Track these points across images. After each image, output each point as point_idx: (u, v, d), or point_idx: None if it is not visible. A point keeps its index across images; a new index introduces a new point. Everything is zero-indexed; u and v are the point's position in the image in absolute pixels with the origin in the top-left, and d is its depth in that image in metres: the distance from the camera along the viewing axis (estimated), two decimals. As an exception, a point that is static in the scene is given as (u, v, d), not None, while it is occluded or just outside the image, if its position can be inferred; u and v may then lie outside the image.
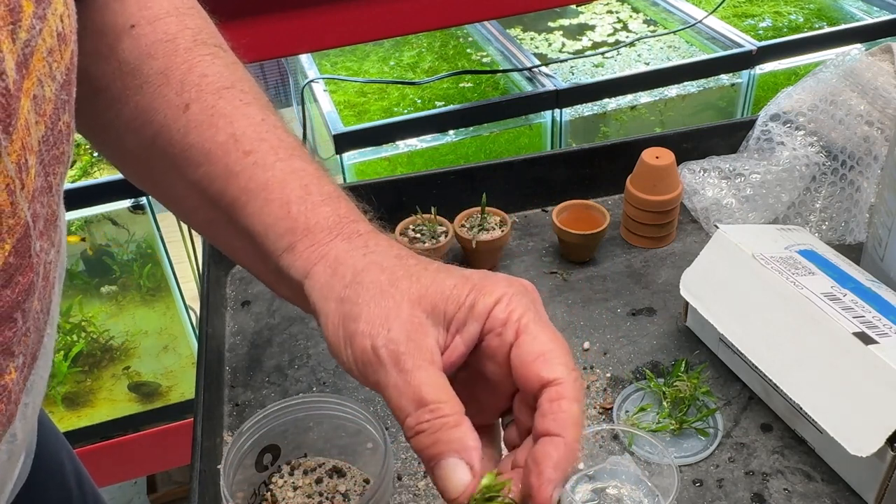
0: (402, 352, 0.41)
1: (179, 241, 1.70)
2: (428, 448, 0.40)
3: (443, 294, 0.42)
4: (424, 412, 0.40)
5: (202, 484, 0.63)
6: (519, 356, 0.41)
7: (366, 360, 0.41)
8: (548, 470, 0.39)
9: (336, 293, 0.44)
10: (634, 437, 0.65)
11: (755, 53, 1.69)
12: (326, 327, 0.44)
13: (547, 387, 0.41)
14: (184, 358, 1.63)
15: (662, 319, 0.82)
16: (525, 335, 0.42)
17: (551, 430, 0.40)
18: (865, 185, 0.87)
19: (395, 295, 0.42)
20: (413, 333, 0.41)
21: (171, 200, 0.54)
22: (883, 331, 0.63)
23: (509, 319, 0.42)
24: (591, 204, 0.91)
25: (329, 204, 0.48)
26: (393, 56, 1.84)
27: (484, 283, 0.43)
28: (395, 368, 0.40)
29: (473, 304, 0.42)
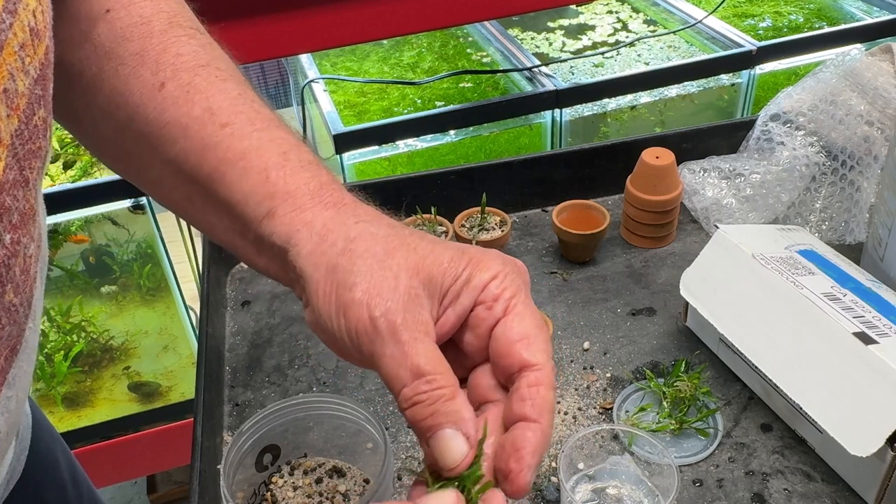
0: (400, 323, 0.41)
1: (179, 241, 1.70)
2: (426, 419, 0.40)
3: (440, 266, 0.43)
4: (421, 383, 0.40)
5: (202, 484, 0.63)
6: (504, 333, 0.42)
7: (360, 330, 0.41)
8: (527, 455, 0.41)
9: (327, 260, 0.43)
10: (634, 437, 0.65)
11: (755, 53, 1.69)
12: (316, 294, 0.43)
13: (526, 370, 0.42)
14: (184, 358, 1.63)
15: (662, 319, 0.82)
16: (513, 314, 0.42)
17: (530, 415, 0.41)
18: (865, 185, 0.87)
19: (391, 265, 0.42)
20: (410, 305, 0.41)
21: (149, 182, 0.53)
22: (883, 331, 0.63)
23: (501, 296, 0.43)
24: (591, 204, 0.91)
25: (308, 170, 0.48)
26: (393, 56, 1.84)
27: (480, 258, 0.43)
28: (392, 339, 0.40)
29: (469, 277, 0.43)
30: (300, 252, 0.45)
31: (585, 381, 0.75)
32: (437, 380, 0.40)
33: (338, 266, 0.43)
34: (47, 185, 1.42)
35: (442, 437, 0.40)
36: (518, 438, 0.41)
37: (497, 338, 0.42)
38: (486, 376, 0.45)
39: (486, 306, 0.43)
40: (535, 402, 0.41)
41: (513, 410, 0.42)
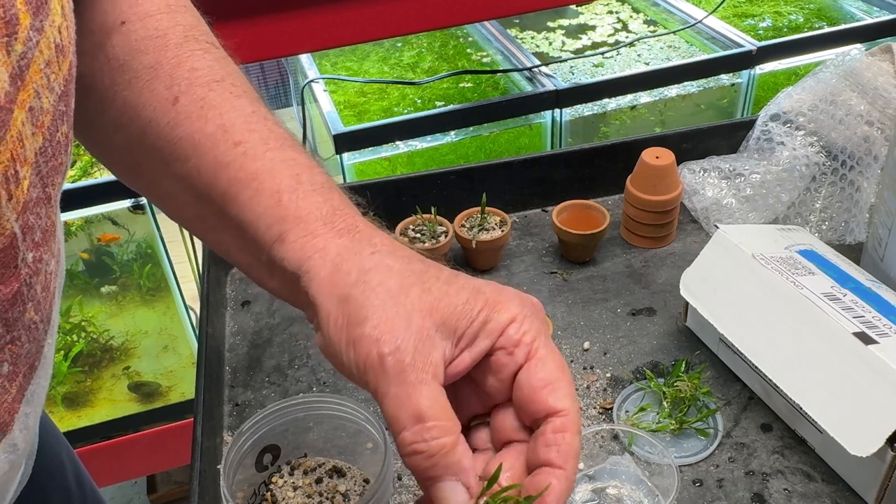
0: (408, 363, 0.40)
1: (179, 241, 1.70)
2: (426, 470, 0.40)
3: (454, 309, 0.42)
4: (422, 429, 0.39)
5: (202, 484, 0.63)
6: (528, 380, 0.42)
7: (369, 366, 0.41)
8: (557, 491, 0.40)
9: (339, 291, 0.43)
10: (634, 437, 0.65)
11: (755, 53, 1.69)
12: (327, 325, 0.43)
13: (552, 416, 0.42)
14: (184, 358, 1.63)
15: (662, 319, 0.82)
16: (536, 359, 0.42)
17: (555, 461, 0.41)
18: (865, 185, 0.87)
19: (405, 303, 0.42)
20: (421, 345, 0.41)
21: (160, 197, 0.53)
22: (883, 331, 0.63)
23: (522, 341, 0.42)
24: (591, 204, 0.91)
25: (321, 194, 0.47)
26: (393, 56, 1.84)
27: (497, 300, 0.43)
28: (397, 379, 0.40)
29: (486, 320, 0.42)
30: (312, 280, 0.44)
31: (585, 381, 0.75)
32: (437, 427, 0.40)
33: (350, 297, 0.42)
34: (47, 185, 1.42)
35: (443, 489, 0.40)
36: (542, 484, 0.41)
37: (521, 385, 0.42)
38: (510, 417, 0.44)
39: (506, 352, 0.42)
40: (560, 449, 0.41)
41: (538, 455, 0.42)
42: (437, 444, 0.40)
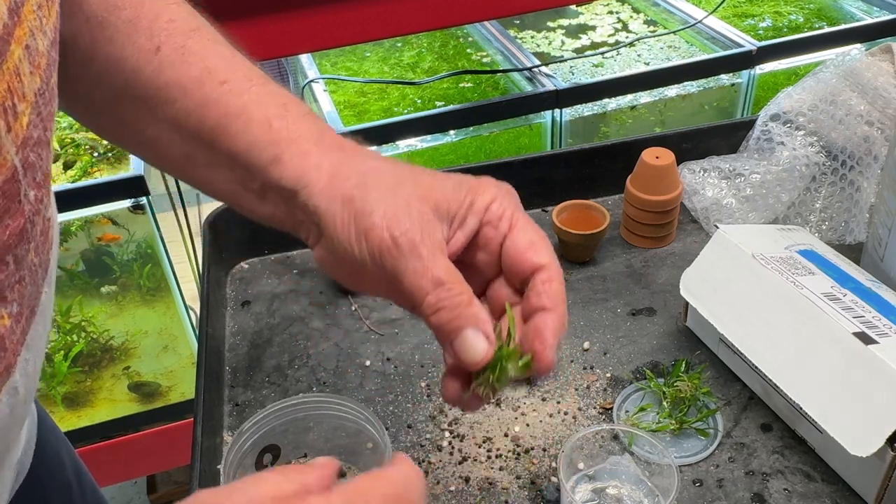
0: (419, 241, 0.46)
1: (179, 242, 1.70)
2: (449, 322, 0.46)
3: (444, 195, 0.49)
4: (442, 290, 0.46)
5: (202, 484, 0.63)
6: (513, 245, 0.49)
7: (383, 250, 0.46)
8: (549, 336, 0.48)
9: (342, 193, 0.48)
10: (634, 437, 0.65)
11: (755, 53, 1.69)
12: (333, 225, 0.48)
13: (539, 270, 0.49)
14: (184, 358, 1.63)
15: (662, 319, 0.82)
16: (518, 228, 0.49)
17: (546, 305, 0.48)
18: (865, 185, 0.87)
19: (403, 194, 0.48)
20: (425, 227, 0.47)
21: (142, 144, 0.55)
22: (883, 331, 0.63)
23: (504, 215, 0.50)
24: (591, 204, 0.90)
25: (308, 120, 0.52)
26: (393, 56, 1.84)
27: (478, 185, 0.50)
28: (412, 255, 0.46)
29: (472, 202, 0.49)
30: (312, 191, 0.49)
31: (585, 381, 0.75)
32: (455, 287, 0.46)
33: (353, 197, 0.48)
34: (47, 185, 1.42)
35: (465, 338, 0.46)
36: (539, 323, 0.48)
37: (508, 251, 0.49)
38: (502, 287, 0.51)
39: (492, 226, 0.50)
40: (549, 294, 0.48)
41: (531, 304, 0.49)
42: (458, 298, 0.46)
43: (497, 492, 0.66)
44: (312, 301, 0.87)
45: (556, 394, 0.74)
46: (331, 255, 0.50)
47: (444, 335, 0.47)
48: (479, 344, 0.47)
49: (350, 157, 0.50)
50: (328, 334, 0.83)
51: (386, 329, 0.83)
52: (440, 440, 0.70)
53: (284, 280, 0.90)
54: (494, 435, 0.70)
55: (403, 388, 0.76)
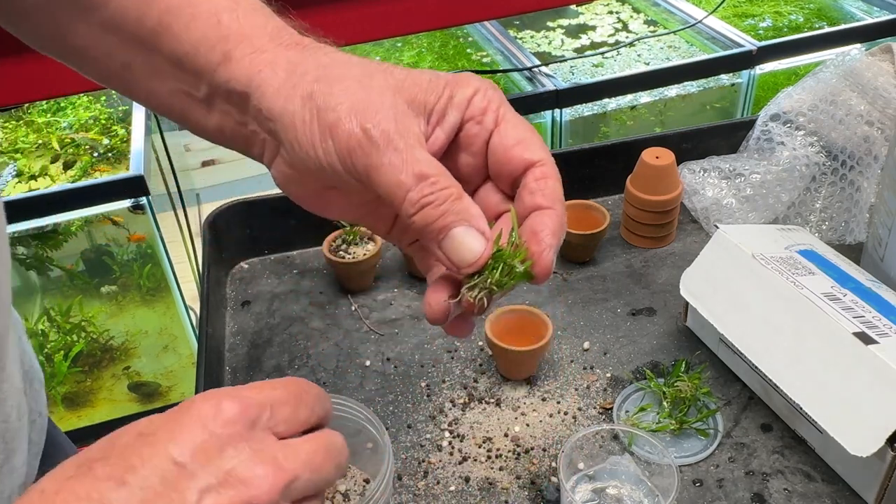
0: (394, 132, 0.40)
1: (179, 242, 1.70)
2: (436, 220, 0.40)
3: (420, 87, 0.42)
4: (426, 185, 0.39)
5: (202, 484, 0.63)
6: (501, 141, 0.43)
7: (352, 145, 0.40)
8: (547, 237, 0.41)
9: (301, 90, 0.42)
10: (634, 437, 0.65)
11: (755, 53, 1.69)
12: (293, 128, 0.42)
13: (531, 167, 0.43)
14: (184, 358, 1.64)
15: (662, 319, 0.82)
16: (505, 122, 0.43)
17: (542, 204, 0.42)
18: (865, 185, 0.87)
19: (372, 85, 0.41)
20: (400, 118, 0.40)
21: (78, 52, 0.49)
22: (883, 331, 0.63)
23: (489, 108, 0.43)
24: (591, 204, 0.90)
25: (262, 14, 0.46)
26: (393, 56, 1.84)
27: (457, 78, 0.43)
28: (388, 147, 0.39)
29: (452, 95, 0.43)
30: (266, 92, 0.43)
31: (585, 381, 0.75)
32: (441, 181, 0.40)
33: (314, 92, 0.41)
34: (47, 184, 1.42)
35: (455, 236, 0.40)
36: (535, 224, 0.42)
37: (495, 149, 0.43)
38: (491, 193, 0.45)
39: (475, 121, 0.43)
40: (545, 193, 0.42)
41: (525, 204, 0.42)
42: (446, 192, 0.40)
43: (497, 492, 0.66)
44: (312, 301, 0.87)
45: (556, 394, 0.74)
46: (291, 170, 0.44)
47: (432, 236, 0.40)
48: (473, 242, 0.40)
49: (308, 52, 0.44)
50: (328, 334, 0.83)
51: (386, 329, 0.83)
52: (440, 440, 0.70)
53: (284, 280, 0.90)
54: (494, 435, 0.70)
55: (403, 388, 0.76)
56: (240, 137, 0.47)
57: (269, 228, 0.93)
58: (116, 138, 1.53)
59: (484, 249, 0.41)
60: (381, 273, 0.90)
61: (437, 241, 0.40)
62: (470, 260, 0.40)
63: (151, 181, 1.42)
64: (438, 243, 0.41)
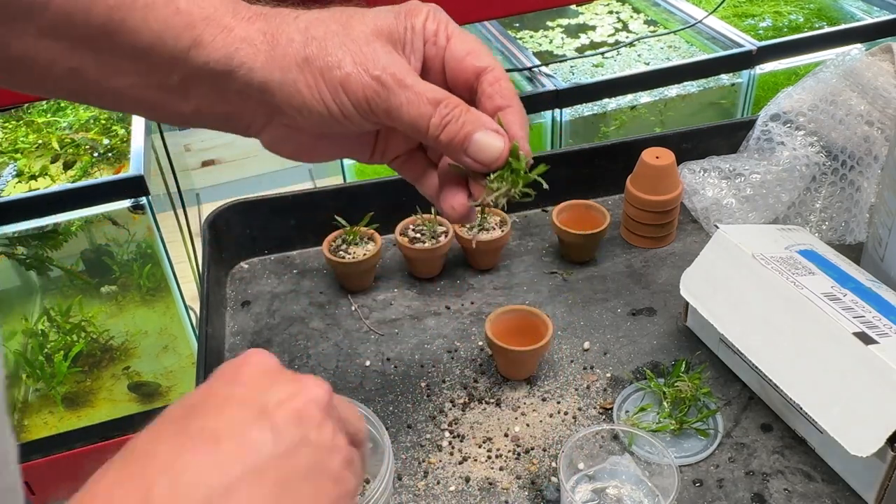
0: (398, 72, 0.46)
1: (179, 242, 1.70)
2: (459, 131, 0.47)
3: (389, 24, 0.48)
4: (443, 107, 0.46)
5: (202, 484, 0.63)
6: (452, 55, 0.49)
7: (369, 94, 0.46)
8: (518, 131, 0.49)
9: (293, 59, 0.46)
10: (634, 437, 0.65)
11: (755, 53, 1.69)
12: (298, 93, 0.46)
13: (483, 74, 0.49)
14: (184, 358, 1.63)
15: (662, 319, 0.82)
16: (454, 39, 0.49)
17: (502, 104, 0.49)
18: (865, 185, 0.87)
19: (357, 36, 0.46)
20: (393, 59, 0.46)
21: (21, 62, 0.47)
22: (883, 331, 0.63)
23: (438, 29, 0.49)
24: (591, 204, 0.90)
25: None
26: (393, 56, 1.83)
27: (409, 7, 0.49)
28: (400, 87, 0.46)
29: (412, 25, 0.48)
30: (253, 66, 0.46)
31: (585, 381, 0.75)
32: (451, 100, 0.47)
33: (309, 57, 0.46)
34: (47, 184, 1.42)
35: (480, 139, 0.47)
36: (505, 123, 0.49)
37: (449, 62, 0.49)
38: None
39: (431, 43, 0.49)
40: (502, 94, 0.49)
41: (486, 107, 0.49)
42: (460, 108, 0.47)
43: (497, 492, 0.66)
44: (312, 301, 0.87)
45: (556, 394, 0.74)
46: (289, 130, 0.49)
47: (457, 146, 0.48)
48: (494, 140, 0.48)
49: (277, 20, 0.47)
50: (328, 334, 0.83)
51: (386, 329, 0.83)
52: (440, 440, 0.70)
53: (284, 280, 0.90)
54: (494, 435, 0.70)
55: (403, 388, 0.76)
56: (219, 116, 0.49)
57: (269, 228, 0.93)
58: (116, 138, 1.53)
59: (504, 144, 0.48)
60: (381, 273, 0.90)
61: (464, 149, 0.47)
62: (495, 155, 0.48)
63: (151, 181, 1.42)
64: (465, 151, 0.47)
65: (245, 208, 0.92)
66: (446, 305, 0.85)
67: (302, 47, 0.46)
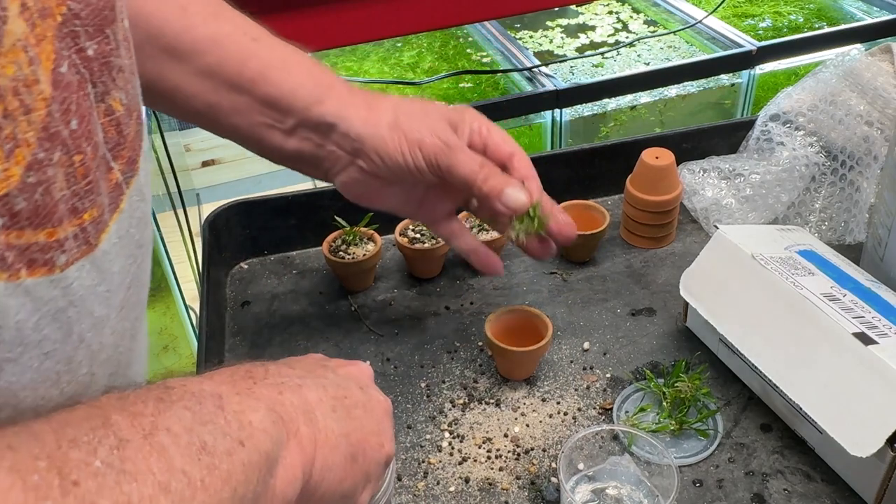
0: (456, 143, 0.64)
1: (179, 241, 1.70)
2: (496, 185, 0.64)
3: (451, 115, 0.66)
4: (486, 168, 0.64)
5: (202, 484, 0.62)
6: (493, 141, 0.67)
7: (438, 153, 0.63)
8: (536, 193, 0.66)
9: (385, 122, 0.63)
10: (634, 437, 0.65)
11: (755, 53, 1.69)
12: (384, 145, 0.63)
13: (513, 155, 0.67)
14: (184, 358, 1.63)
15: (662, 319, 0.82)
16: (493, 131, 0.67)
17: (526, 175, 0.66)
18: (865, 185, 0.87)
19: (433, 116, 0.65)
20: (453, 135, 0.64)
21: (169, 92, 0.61)
22: (883, 331, 0.63)
23: (482, 124, 0.67)
24: (591, 204, 0.91)
25: (332, 73, 0.66)
26: (393, 56, 1.84)
27: (464, 108, 0.68)
28: (459, 151, 0.64)
29: (465, 118, 0.67)
30: (354, 123, 0.63)
31: (585, 382, 0.75)
32: (487, 164, 0.65)
33: (397, 123, 0.63)
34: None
35: (509, 192, 0.64)
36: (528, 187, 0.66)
37: (490, 145, 0.67)
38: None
39: (476, 132, 0.67)
40: (526, 169, 0.67)
41: (515, 177, 0.66)
42: (495, 169, 0.65)
43: (497, 492, 0.66)
44: (312, 301, 0.87)
45: (555, 394, 0.74)
46: (363, 175, 0.65)
47: (495, 196, 0.64)
48: (520, 194, 0.64)
49: (374, 95, 0.66)
50: (328, 334, 0.83)
51: (386, 329, 0.83)
52: (440, 440, 0.70)
53: (284, 280, 0.90)
54: (494, 435, 0.71)
55: (403, 388, 0.76)
56: (313, 156, 0.66)
57: (269, 228, 0.93)
58: (116, 138, 1.53)
59: (526, 197, 0.65)
60: (381, 273, 0.90)
61: (498, 199, 0.64)
62: (520, 204, 0.64)
63: (151, 181, 1.42)
64: (499, 198, 0.64)
65: (245, 208, 0.92)
66: (446, 305, 0.85)
67: (393, 116, 0.63)
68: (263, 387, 0.43)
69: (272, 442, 0.40)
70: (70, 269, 0.34)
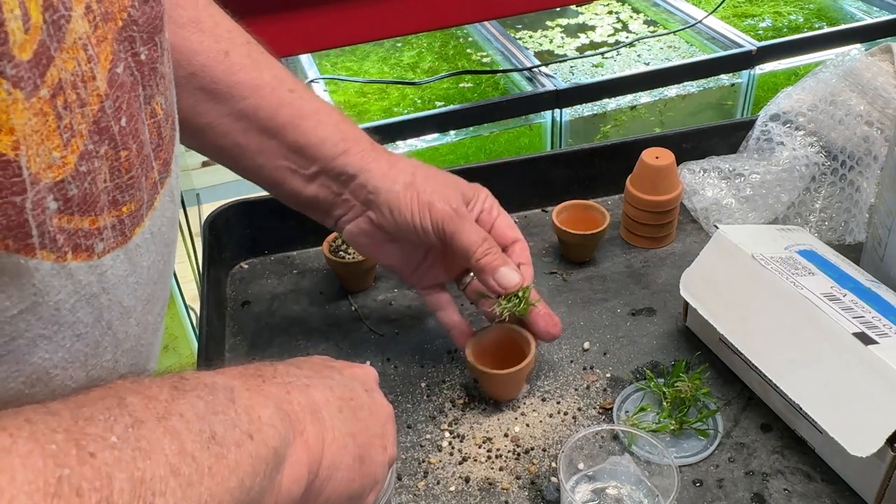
0: (465, 213, 0.67)
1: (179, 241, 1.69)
2: (493, 262, 0.66)
3: (464, 189, 0.69)
4: (487, 242, 0.67)
5: (202, 484, 0.62)
6: (500, 224, 0.71)
7: (445, 218, 0.65)
8: (528, 278, 0.69)
9: (402, 180, 0.66)
10: (634, 437, 0.65)
11: (755, 53, 1.69)
12: (397, 202, 0.66)
13: (515, 242, 0.71)
14: (184, 358, 1.63)
15: (662, 319, 0.82)
16: (501, 215, 0.71)
17: (523, 261, 0.70)
18: (865, 185, 0.87)
19: (447, 185, 0.68)
20: (463, 206, 0.68)
21: (202, 130, 0.64)
22: (883, 331, 0.63)
23: (493, 206, 0.71)
24: (591, 204, 0.90)
25: (357, 127, 0.69)
26: (393, 56, 1.84)
27: (478, 187, 0.72)
28: (465, 220, 0.66)
29: (476, 195, 0.70)
30: (373, 175, 0.66)
31: (585, 382, 0.75)
32: (490, 240, 0.67)
33: (413, 183, 0.66)
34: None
35: (504, 271, 0.67)
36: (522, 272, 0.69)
37: (496, 227, 0.70)
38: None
39: (486, 212, 0.70)
40: (524, 255, 0.71)
41: (514, 261, 0.69)
42: (495, 247, 0.67)
43: (497, 492, 0.66)
44: (312, 301, 0.87)
45: (556, 394, 0.74)
46: (371, 226, 0.68)
47: (490, 271, 0.67)
48: (513, 274, 0.67)
49: (396, 157, 0.69)
50: (328, 334, 0.83)
51: (386, 329, 0.83)
52: (440, 440, 0.70)
53: (284, 280, 0.90)
54: (494, 435, 0.71)
55: (403, 388, 0.76)
56: (328, 203, 0.68)
57: (269, 228, 0.93)
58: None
59: (519, 278, 0.68)
60: (381, 273, 0.90)
61: (493, 275, 0.67)
62: (512, 283, 0.67)
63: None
64: (493, 276, 0.67)
65: (245, 208, 0.92)
66: (446, 305, 0.85)
67: (411, 178, 0.67)
68: (272, 385, 0.44)
69: (280, 438, 0.41)
70: (106, 257, 0.36)
